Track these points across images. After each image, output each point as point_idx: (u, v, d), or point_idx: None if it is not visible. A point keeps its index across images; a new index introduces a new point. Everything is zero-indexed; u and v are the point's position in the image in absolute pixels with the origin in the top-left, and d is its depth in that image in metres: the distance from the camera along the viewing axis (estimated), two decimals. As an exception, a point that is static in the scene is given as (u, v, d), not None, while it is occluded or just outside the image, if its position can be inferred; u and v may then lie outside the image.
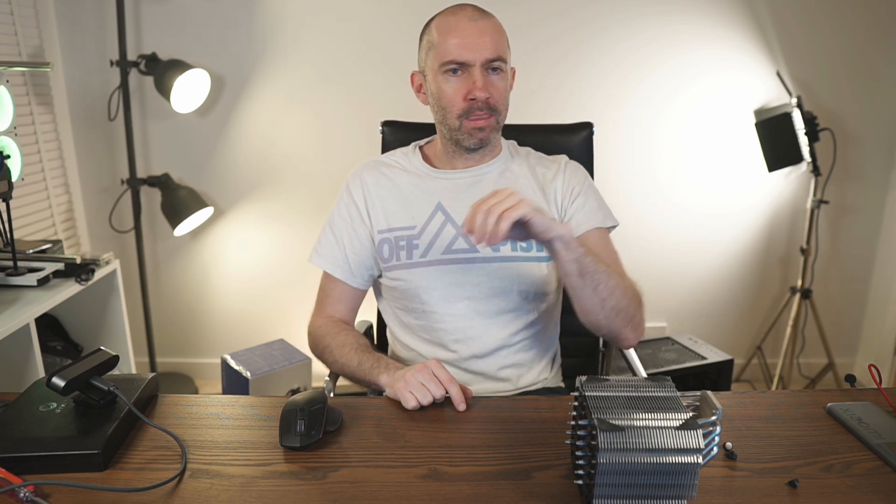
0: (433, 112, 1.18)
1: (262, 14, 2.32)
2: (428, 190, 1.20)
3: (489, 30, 1.10)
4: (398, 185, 1.21)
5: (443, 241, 1.16)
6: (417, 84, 1.21)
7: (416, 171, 1.23)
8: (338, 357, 1.14)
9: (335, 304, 1.24)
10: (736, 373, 2.65)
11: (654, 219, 2.54)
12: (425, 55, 1.15)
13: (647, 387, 0.74)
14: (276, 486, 0.76)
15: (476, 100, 1.10)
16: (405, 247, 1.17)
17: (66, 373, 0.83)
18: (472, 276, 1.15)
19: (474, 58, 1.09)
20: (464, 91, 1.11)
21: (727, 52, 2.37)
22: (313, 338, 1.23)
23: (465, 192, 1.19)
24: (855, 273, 2.63)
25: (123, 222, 2.46)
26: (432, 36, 1.13)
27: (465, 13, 1.11)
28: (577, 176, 1.22)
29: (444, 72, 1.11)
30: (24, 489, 0.71)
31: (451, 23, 1.11)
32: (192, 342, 2.68)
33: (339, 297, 1.24)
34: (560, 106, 2.38)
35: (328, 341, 1.17)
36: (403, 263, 1.17)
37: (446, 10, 1.14)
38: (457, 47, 1.09)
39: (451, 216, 1.17)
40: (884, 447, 0.83)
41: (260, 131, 2.44)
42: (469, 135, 1.14)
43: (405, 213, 1.19)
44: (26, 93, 2.18)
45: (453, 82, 1.11)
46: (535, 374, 1.22)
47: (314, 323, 1.24)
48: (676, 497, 0.68)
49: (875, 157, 2.49)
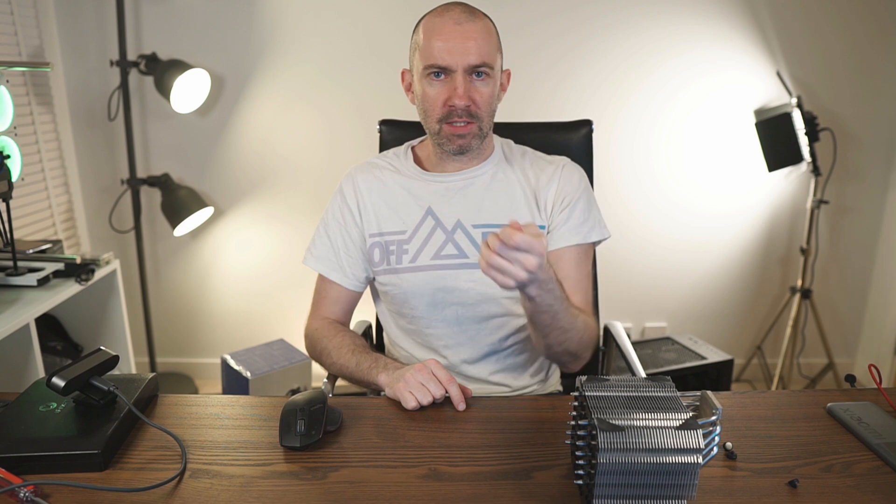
0: (418, 113, 1.16)
1: (262, 14, 2.32)
2: (418, 194, 1.18)
3: (475, 33, 1.05)
4: (390, 188, 1.20)
5: (432, 246, 1.15)
6: (407, 83, 1.18)
7: (408, 174, 1.21)
8: (335, 359, 1.13)
9: (331, 305, 1.23)
10: (736, 373, 2.65)
11: (654, 219, 2.54)
12: (412, 55, 1.14)
13: (647, 387, 0.74)
14: (276, 486, 0.76)
15: (455, 107, 1.07)
16: (395, 251, 1.16)
17: (66, 373, 0.83)
18: (460, 281, 1.14)
19: (456, 63, 1.05)
20: (444, 96, 1.08)
21: (727, 52, 2.37)
22: (310, 340, 1.22)
23: (455, 195, 1.17)
24: (855, 273, 2.63)
25: (123, 222, 2.46)
26: (419, 36, 1.10)
27: (451, 15, 1.06)
28: (571, 183, 1.17)
29: (426, 74, 1.09)
30: (24, 489, 0.71)
31: (437, 25, 1.07)
32: (192, 342, 2.68)
33: (334, 298, 1.23)
34: (560, 106, 2.38)
35: (325, 343, 1.16)
36: (393, 268, 1.17)
37: (434, 11, 1.10)
38: (440, 51, 1.05)
39: (441, 221, 1.16)
40: (884, 447, 0.83)
41: (260, 131, 2.44)
42: (448, 140, 1.12)
43: (396, 218, 1.18)
44: (26, 93, 2.18)
45: (435, 86, 1.08)
46: (528, 377, 1.22)
47: (310, 325, 1.23)
48: (676, 497, 0.68)
49: (875, 157, 2.49)
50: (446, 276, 1.14)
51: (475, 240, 1.15)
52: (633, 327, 2.69)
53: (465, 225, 1.15)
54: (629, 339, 1.40)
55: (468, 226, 1.15)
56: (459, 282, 1.13)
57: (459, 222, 1.16)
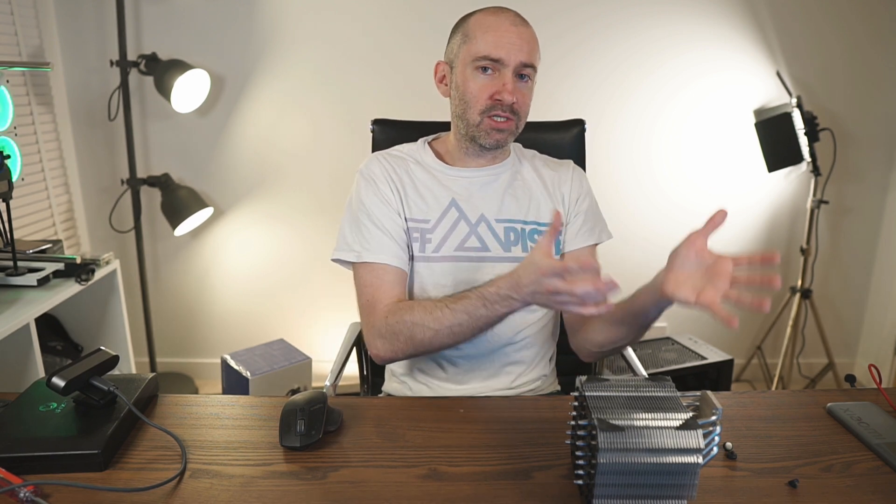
0: (453, 105, 1.17)
1: (262, 14, 2.32)
2: (442, 185, 1.19)
3: (528, 36, 1.11)
4: (413, 177, 1.20)
5: (455, 237, 1.16)
6: (441, 75, 1.19)
7: (429, 167, 1.21)
8: (438, 326, 1.01)
9: (391, 290, 1.11)
10: (736, 373, 2.65)
11: (654, 218, 2.54)
12: (458, 47, 1.15)
13: (647, 387, 0.74)
14: (276, 486, 0.76)
15: (502, 101, 1.10)
16: (419, 239, 1.16)
17: (66, 373, 0.83)
18: (482, 273, 1.14)
19: (509, 58, 1.09)
20: (490, 90, 1.10)
21: (727, 52, 2.37)
22: (391, 331, 1.05)
23: (479, 191, 1.19)
24: (855, 273, 2.63)
25: (123, 222, 2.46)
26: (469, 29, 1.13)
27: (507, 16, 1.12)
28: (583, 185, 1.24)
29: (475, 67, 1.11)
30: (24, 489, 0.71)
31: (492, 22, 1.11)
32: (192, 342, 2.68)
33: (394, 281, 1.12)
34: (560, 106, 2.38)
35: (413, 319, 1.02)
36: (416, 256, 1.16)
37: (488, 9, 1.14)
38: (494, 45, 1.09)
39: (465, 213, 1.17)
40: (884, 447, 0.83)
41: (260, 131, 2.44)
42: (487, 133, 1.13)
43: (420, 206, 1.18)
44: (26, 93, 2.18)
45: (482, 79, 1.11)
46: (537, 372, 1.22)
47: (378, 320, 1.07)
48: (676, 497, 0.68)
49: (875, 158, 2.49)
50: (468, 268, 1.15)
51: (498, 234, 1.17)
52: (633, 327, 2.69)
53: (489, 219, 1.17)
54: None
55: (492, 220, 1.17)
56: (480, 274, 1.14)
57: (483, 216, 1.17)
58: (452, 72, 1.16)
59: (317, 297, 2.54)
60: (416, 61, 2.28)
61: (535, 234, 1.18)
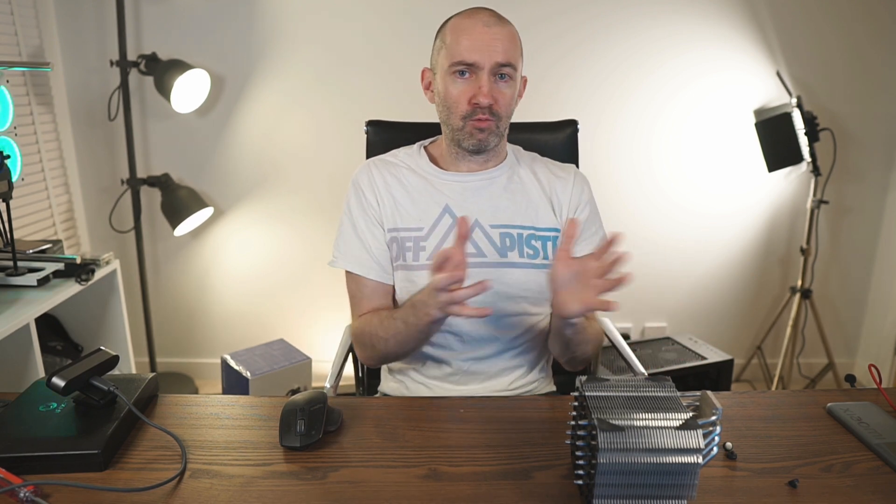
0: (438, 111, 1.18)
1: (262, 14, 2.32)
2: (436, 191, 1.18)
3: (502, 36, 1.09)
4: (405, 184, 1.20)
5: (450, 244, 1.14)
6: (427, 81, 1.20)
7: (423, 172, 1.21)
8: (387, 333, 1.08)
9: (370, 301, 1.18)
10: (736, 373, 2.65)
11: (654, 218, 2.54)
12: (437, 53, 1.15)
13: (647, 387, 0.74)
14: (276, 486, 0.76)
15: (479, 104, 1.09)
16: (411, 248, 1.16)
17: (66, 373, 0.83)
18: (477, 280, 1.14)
19: (483, 60, 1.08)
20: (469, 94, 1.10)
21: (727, 52, 2.37)
22: (358, 340, 1.17)
23: (472, 195, 1.18)
24: (855, 273, 2.63)
25: (123, 222, 2.46)
26: (445, 34, 1.13)
27: (480, 17, 1.10)
28: (584, 192, 1.22)
29: (452, 72, 1.11)
30: (24, 489, 0.71)
31: (466, 25, 1.10)
32: (192, 342, 2.68)
33: (371, 294, 1.18)
34: (560, 106, 2.38)
35: (371, 330, 1.12)
36: (409, 265, 1.16)
37: (463, 12, 1.13)
38: (467, 49, 1.08)
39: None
40: (884, 447, 0.83)
41: (260, 131, 2.44)
42: (470, 135, 1.13)
43: (412, 214, 1.17)
44: (26, 93, 2.18)
45: (460, 84, 1.11)
46: (534, 375, 1.23)
47: (354, 329, 1.18)
48: (676, 497, 0.68)
49: (875, 157, 2.49)
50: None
51: (493, 239, 1.16)
52: (633, 327, 2.69)
53: (484, 224, 1.16)
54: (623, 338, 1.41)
55: (486, 225, 1.16)
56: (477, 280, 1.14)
57: (478, 221, 1.16)
58: (435, 78, 1.17)
59: (317, 297, 2.54)
60: (416, 61, 2.27)
61: (531, 240, 1.17)
